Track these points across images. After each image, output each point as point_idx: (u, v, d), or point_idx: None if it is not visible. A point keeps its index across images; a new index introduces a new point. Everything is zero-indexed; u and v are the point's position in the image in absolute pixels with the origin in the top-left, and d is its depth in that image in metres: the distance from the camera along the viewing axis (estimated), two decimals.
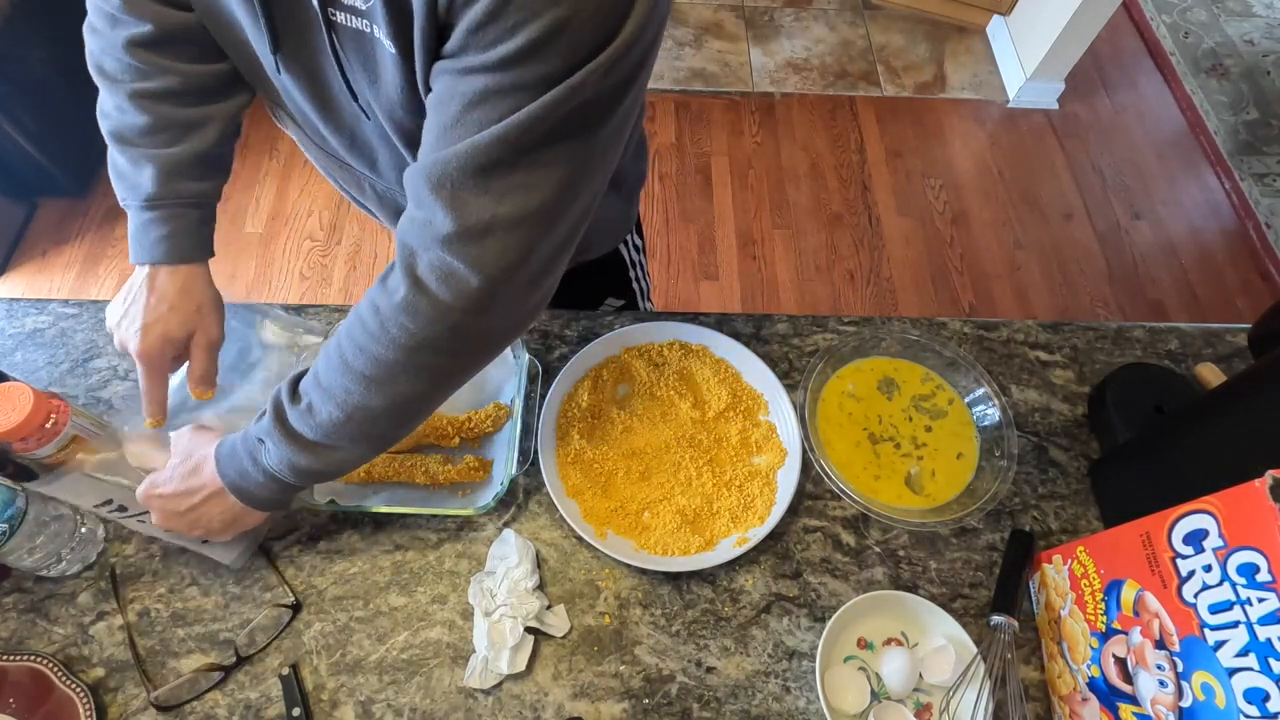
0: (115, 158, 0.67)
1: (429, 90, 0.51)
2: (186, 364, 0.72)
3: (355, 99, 0.59)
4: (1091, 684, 0.61)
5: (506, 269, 0.52)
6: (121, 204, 0.68)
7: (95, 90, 0.68)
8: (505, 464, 0.76)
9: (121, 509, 0.67)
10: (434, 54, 0.49)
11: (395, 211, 0.77)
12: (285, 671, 0.65)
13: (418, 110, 0.55)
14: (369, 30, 0.51)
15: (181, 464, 0.64)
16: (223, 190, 0.72)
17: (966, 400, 0.81)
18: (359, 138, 0.66)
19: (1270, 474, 0.47)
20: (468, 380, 0.63)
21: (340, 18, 0.52)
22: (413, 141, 0.59)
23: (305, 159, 2.21)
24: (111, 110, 0.66)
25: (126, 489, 0.68)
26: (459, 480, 0.75)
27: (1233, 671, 0.48)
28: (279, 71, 0.60)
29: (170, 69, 0.64)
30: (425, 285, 0.52)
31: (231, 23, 0.60)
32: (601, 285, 1.00)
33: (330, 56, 0.55)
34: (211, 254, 0.71)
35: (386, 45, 0.51)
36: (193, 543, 0.68)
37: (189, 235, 0.68)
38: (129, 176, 0.67)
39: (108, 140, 0.67)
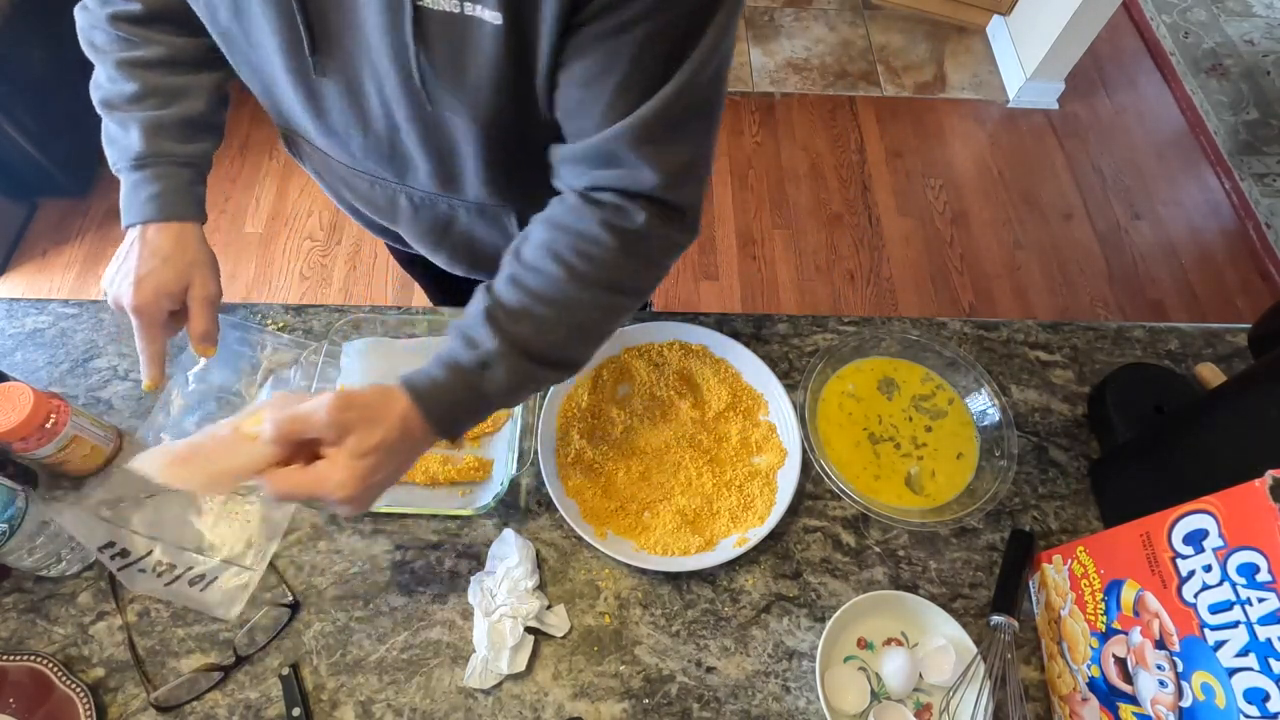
0: (107, 126, 0.68)
1: (554, 65, 0.52)
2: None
3: (424, 89, 0.56)
4: (1091, 684, 0.61)
5: (700, 197, 0.60)
6: (113, 170, 0.68)
7: None
8: (505, 464, 0.76)
9: (124, 553, 0.67)
10: (564, 23, 0.49)
11: (432, 220, 0.75)
12: (285, 671, 0.65)
13: (509, 90, 0.55)
14: (460, 10, 0.50)
15: (399, 440, 0.54)
16: (213, 158, 0.71)
17: (966, 400, 0.81)
18: (399, 145, 0.65)
19: (1270, 474, 0.47)
20: None
21: (428, 1, 0.50)
22: (494, 126, 0.59)
23: None
24: (103, 81, 0.67)
25: (132, 534, 0.69)
26: (459, 480, 0.75)
27: (1233, 671, 0.48)
28: (313, 78, 0.60)
29: (157, 40, 0.66)
30: (651, 227, 0.57)
31: (258, 37, 0.59)
32: None
33: (402, 50, 0.53)
34: (204, 217, 0.70)
35: (488, 20, 0.50)
36: (193, 601, 0.68)
37: (179, 193, 0.67)
38: (119, 140, 0.67)
39: (100, 110, 0.68)
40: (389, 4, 0.51)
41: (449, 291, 1.08)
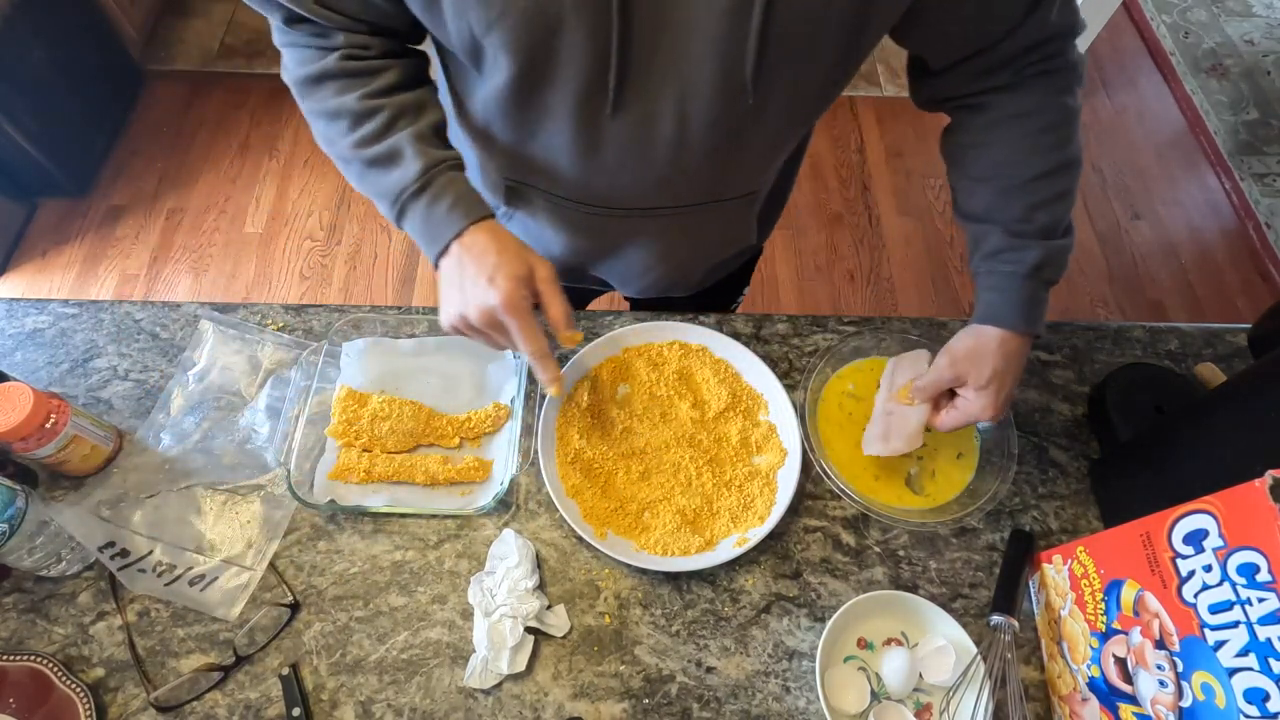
0: (366, 174, 0.65)
1: (890, 15, 0.58)
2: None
3: (753, 85, 0.57)
4: (1091, 684, 0.61)
5: None
6: (396, 213, 0.64)
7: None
8: (505, 464, 0.76)
9: (124, 553, 0.67)
10: None
11: (677, 235, 0.78)
12: (285, 671, 0.65)
13: (842, 57, 0.59)
14: None
15: (1008, 361, 0.68)
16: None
17: None
18: (680, 165, 0.66)
19: (1270, 474, 0.47)
20: None
21: None
22: (804, 104, 0.64)
23: (305, 158, 2.22)
24: (344, 131, 0.64)
25: (133, 534, 0.69)
26: (459, 480, 0.75)
27: (1233, 671, 0.48)
28: (604, 116, 0.60)
29: (387, 66, 0.65)
30: (1079, 55, 0.68)
31: (552, 86, 0.58)
32: (743, 277, 1.03)
33: (735, 49, 0.55)
34: (492, 212, 0.67)
35: None
36: (193, 601, 0.68)
37: (470, 193, 0.65)
38: (388, 176, 0.64)
39: (353, 162, 0.65)
40: (735, 5, 0.52)
41: None
